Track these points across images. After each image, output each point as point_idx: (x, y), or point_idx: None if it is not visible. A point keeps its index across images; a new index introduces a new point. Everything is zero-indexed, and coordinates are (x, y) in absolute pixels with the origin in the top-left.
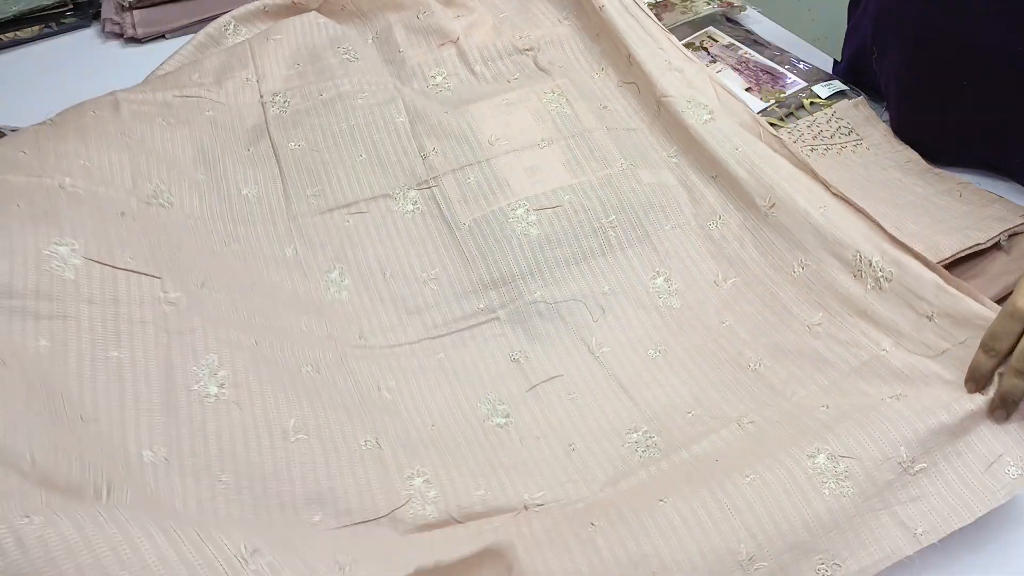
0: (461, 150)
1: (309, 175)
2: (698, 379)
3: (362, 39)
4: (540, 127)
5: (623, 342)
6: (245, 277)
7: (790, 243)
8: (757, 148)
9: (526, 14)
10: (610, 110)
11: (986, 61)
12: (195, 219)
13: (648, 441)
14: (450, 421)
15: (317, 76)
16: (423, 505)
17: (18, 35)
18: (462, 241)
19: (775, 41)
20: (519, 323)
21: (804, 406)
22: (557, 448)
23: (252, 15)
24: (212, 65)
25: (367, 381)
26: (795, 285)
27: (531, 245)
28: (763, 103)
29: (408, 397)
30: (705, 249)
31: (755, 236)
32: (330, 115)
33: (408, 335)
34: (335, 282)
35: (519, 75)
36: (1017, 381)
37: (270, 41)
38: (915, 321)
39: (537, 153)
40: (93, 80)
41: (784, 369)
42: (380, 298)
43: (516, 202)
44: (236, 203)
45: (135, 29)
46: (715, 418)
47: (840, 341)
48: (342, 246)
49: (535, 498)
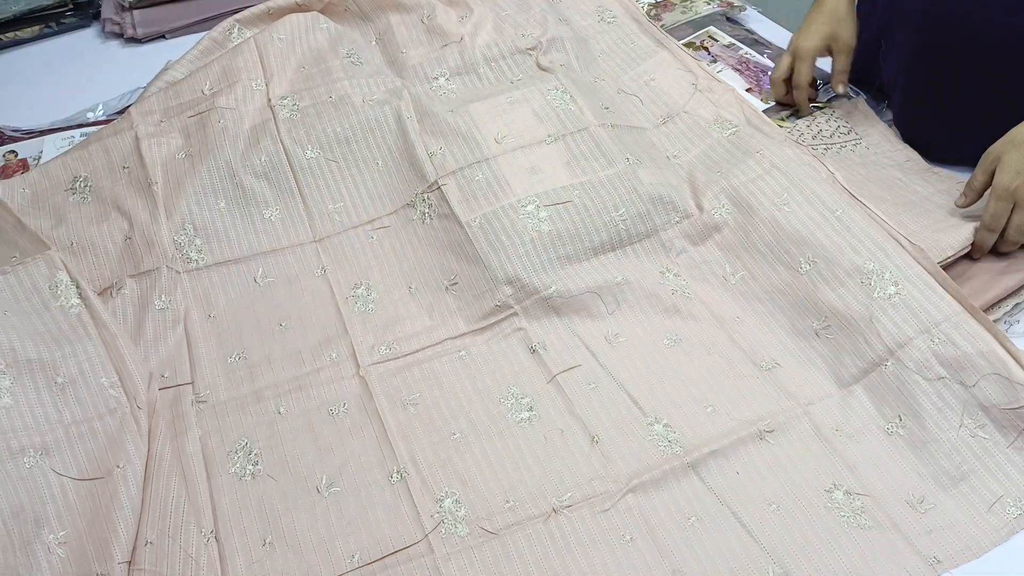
0: (468, 149)
1: (328, 189)
2: (714, 372)
3: (365, 40)
4: (543, 125)
5: (639, 333)
6: (276, 315)
7: (798, 241)
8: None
9: (528, 13)
10: (612, 110)
11: (992, 46)
12: (227, 265)
13: (670, 436)
14: (476, 424)
15: (323, 78)
16: (454, 524)
17: (18, 35)
18: (474, 239)
19: (775, 41)
20: (536, 317)
21: (817, 424)
22: (582, 441)
23: (256, 18)
24: (221, 69)
25: (392, 399)
26: (801, 282)
27: (543, 241)
28: (763, 103)
29: (433, 407)
30: (713, 243)
31: (763, 231)
32: (341, 118)
33: (432, 337)
34: (361, 297)
35: (522, 75)
36: (986, 236)
37: (275, 40)
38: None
39: (542, 150)
40: (93, 80)
41: (795, 373)
42: (407, 310)
43: (526, 198)
44: (261, 230)
45: (135, 29)
46: (733, 419)
47: (845, 349)
48: (368, 262)
49: (563, 500)
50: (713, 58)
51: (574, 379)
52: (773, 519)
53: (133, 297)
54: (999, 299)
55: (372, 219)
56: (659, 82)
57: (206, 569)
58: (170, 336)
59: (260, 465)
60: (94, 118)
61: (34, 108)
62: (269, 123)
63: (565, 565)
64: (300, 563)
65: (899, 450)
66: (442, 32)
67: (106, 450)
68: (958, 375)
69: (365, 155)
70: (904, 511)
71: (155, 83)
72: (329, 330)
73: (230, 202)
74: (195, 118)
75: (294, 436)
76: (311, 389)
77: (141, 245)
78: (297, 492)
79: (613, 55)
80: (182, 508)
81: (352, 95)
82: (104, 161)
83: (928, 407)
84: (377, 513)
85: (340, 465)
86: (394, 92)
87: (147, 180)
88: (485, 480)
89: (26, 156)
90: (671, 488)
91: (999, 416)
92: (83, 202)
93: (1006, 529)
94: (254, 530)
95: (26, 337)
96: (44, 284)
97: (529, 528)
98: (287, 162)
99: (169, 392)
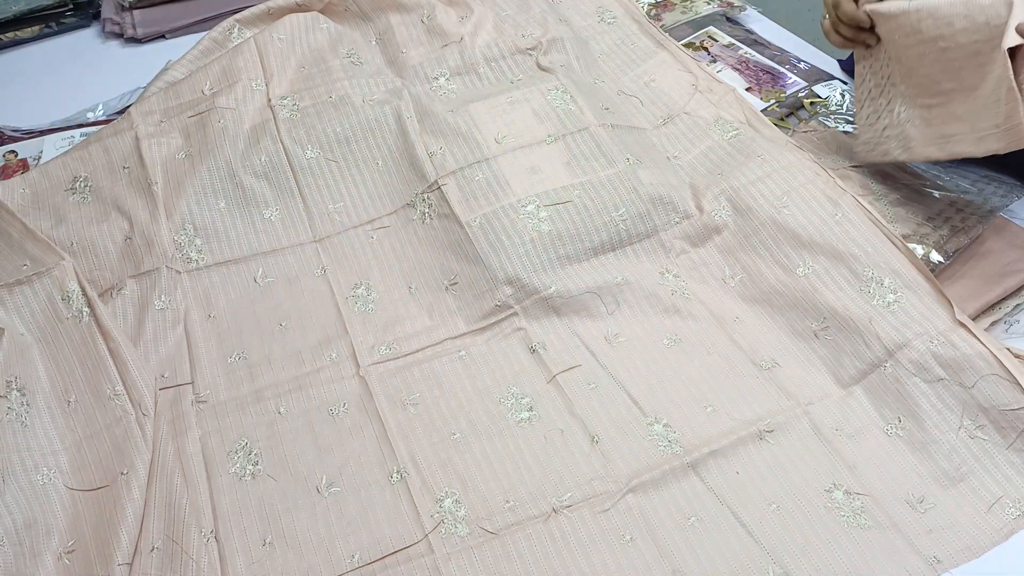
0: (468, 148)
1: (328, 189)
2: (714, 372)
3: (365, 40)
4: (543, 125)
5: (639, 333)
6: (276, 315)
7: (797, 244)
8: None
9: (528, 13)
10: (612, 111)
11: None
12: (227, 265)
13: (670, 436)
14: (476, 424)
15: (323, 78)
16: (454, 524)
17: (18, 35)
18: (474, 239)
19: (775, 41)
20: (536, 317)
21: (817, 424)
22: (581, 440)
23: (256, 18)
24: (221, 69)
25: (392, 399)
26: (800, 284)
27: (543, 241)
28: (763, 103)
29: (433, 407)
30: (713, 245)
31: (762, 234)
32: (341, 118)
33: (432, 337)
34: (361, 297)
35: (522, 75)
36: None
37: (275, 40)
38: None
39: (543, 150)
40: (93, 80)
41: (795, 373)
42: (407, 310)
43: (526, 198)
44: (261, 230)
45: (135, 29)
46: (733, 419)
47: (844, 351)
48: (368, 262)
49: (563, 500)
50: (713, 58)
51: (574, 379)
52: (773, 519)
53: (133, 297)
54: (999, 299)
55: (372, 219)
56: (659, 83)
57: (206, 569)
58: (170, 336)
59: (260, 465)
60: (94, 118)
61: (34, 108)
62: (269, 123)
63: (565, 565)
64: (300, 563)
65: (899, 451)
66: (442, 32)
67: (112, 458)
68: (957, 376)
69: (365, 155)
70: (904, 511)
71: (155, 83)
72: (329, 330)
73: (230, 202)
74: (195, 118)
75: (294, 436)
76: (311, 389)
77: (141, 245)
78: (297, 492)
79: (613, 56)
80: (183, 509)
81: (352, 95)
82: (104, 161)
83: (927, 408)
84: (377, 513)
85: (340, 465)
86: (394, 92)
87: (147, 180)
88: (485, 480)
89: (26, 156)
90: (671, 488)
91: (998, 417)
92: (83, 202)
93: (1006, 529)
94: (254, 530)
95: (41, 361)
96: (57, 296)
97: (529, 528)
98: (287, 162)
99: (169, 392)
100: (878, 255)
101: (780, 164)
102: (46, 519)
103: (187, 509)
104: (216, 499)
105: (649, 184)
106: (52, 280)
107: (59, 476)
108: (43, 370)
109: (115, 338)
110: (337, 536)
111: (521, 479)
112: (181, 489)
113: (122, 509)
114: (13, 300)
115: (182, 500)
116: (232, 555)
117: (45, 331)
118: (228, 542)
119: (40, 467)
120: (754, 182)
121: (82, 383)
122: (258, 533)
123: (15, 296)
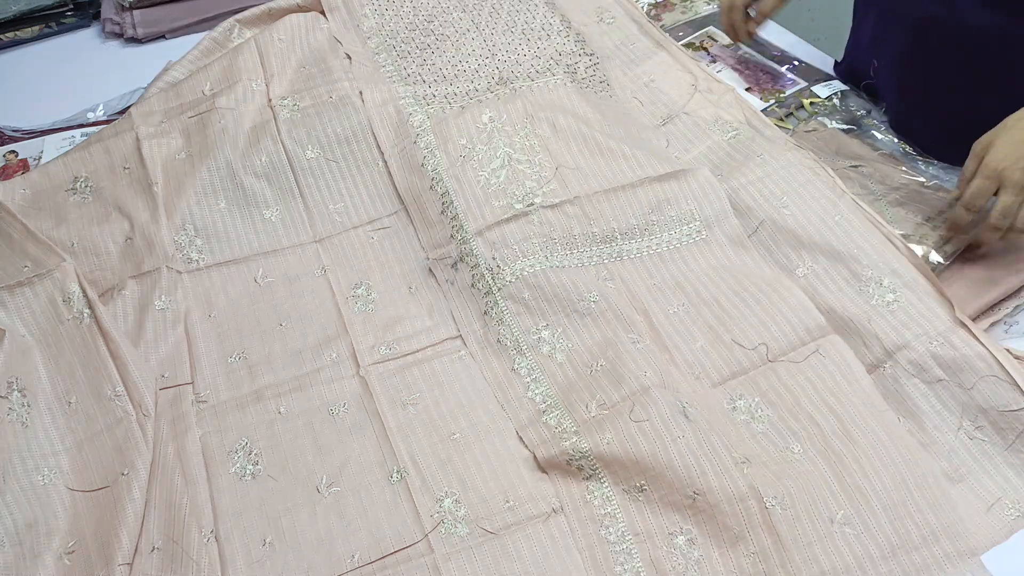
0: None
1: (329, 189)
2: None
3: None
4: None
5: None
6: (276, 315)
7: (797, 244)
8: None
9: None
10: (612, 112)
11: (978, 48)
12: (227, 265)
13: None
14: (476, 424)
15: (324, 78)
16: (454, 524)
17: (18, 35)
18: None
19: (775, 41)
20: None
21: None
22: None
23: (256, 18)
24: (221, 69)
25: (392, 399)
26: (799, 284)
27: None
28: (763, 103)
29: (433, 407)
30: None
31: (762, 234)
32: (341, 118)
33: (432, 337)
34: (362, 297)
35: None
36: (990, 235)
37: (275, 41)
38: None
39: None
40: (93, 80)
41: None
42: (407, 310)
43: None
44: (262, 231)
45: (135, 29)
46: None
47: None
48: (368, 263)
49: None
50: (713, 58)
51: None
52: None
53: (133, 298)
54: (999, 300)
55: (372, 219)
56: (659, 83)
57: (206, 569)
58: (170, 336)
59: (260, 465)
60: (94, 118)
61: (34, 108)
62: (269, 123)
63: (565, 565)
64: (300, 563)
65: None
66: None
67: (112, 458)
68: (956, 377)
69: (365, 155)
70: None
71: (155, 83)
72: (329, 330)
73: (230, 202)
74: (195, 118)
75: (294, 436)
76: (311, 389)
77: (142, 245)
78: (297, 492)
79: (613, 56)
80: (184, 509)
81: (352, 95)
82: (105, 161)
83: (927, 409)
84: (377, 513)
85: (340, 465)
86: (397, 91)
87: (148, 180)
88: (485, 480)
89: (26, 156)
90: None
91: (997, 418)
92: (84, 202)
93: (1005, 530)
94: (254, 530)
95: (42, 362)
96: (59, 297)
97: (529, 528)
98: (287, 162)
99: (169, 392)
100: (877, 255)
101: (780, 164)
102: (47, 520)
103: (187, 509)
104: (216, 499)
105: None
106: (53, 282)
107: (60, 477)
108: (44, 371)
109: (115, 339)
110: (337, 536)
111: (521, 479)
112: (181, 489)
113: (122, 509)
114: (14, 301)
115: (182, 500)
116: (232, 555)
117: (46, 332)
118: (228, 542)
119: (41, 468)
120: (754, 182)
121: (83, 384)
122: (258, 533)
123: (16, 297)
